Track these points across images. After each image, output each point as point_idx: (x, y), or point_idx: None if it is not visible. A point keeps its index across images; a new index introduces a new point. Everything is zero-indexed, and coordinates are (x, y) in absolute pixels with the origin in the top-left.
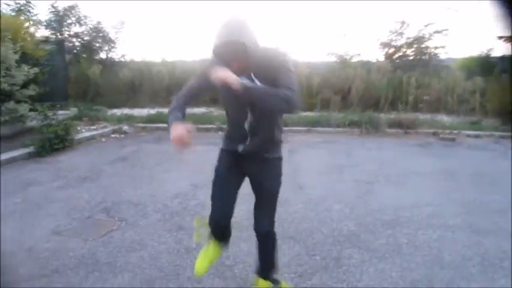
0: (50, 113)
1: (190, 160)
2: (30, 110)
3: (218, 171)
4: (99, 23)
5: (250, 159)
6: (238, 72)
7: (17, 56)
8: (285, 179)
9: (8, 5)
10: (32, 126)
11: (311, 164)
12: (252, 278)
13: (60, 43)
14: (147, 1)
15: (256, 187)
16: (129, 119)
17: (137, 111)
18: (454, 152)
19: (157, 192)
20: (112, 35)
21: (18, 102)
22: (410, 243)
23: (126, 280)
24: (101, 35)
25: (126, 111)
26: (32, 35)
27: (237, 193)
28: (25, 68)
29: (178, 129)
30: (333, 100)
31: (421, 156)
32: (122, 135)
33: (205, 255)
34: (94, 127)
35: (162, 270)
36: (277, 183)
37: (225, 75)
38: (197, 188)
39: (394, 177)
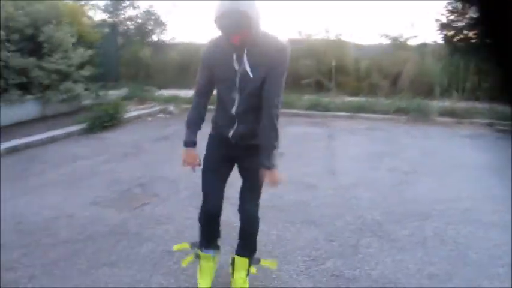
0: (101, 93)
1: None
2: (85, 89)
3: (208, 160)
4: (151, 6)
5: (238, 146)
6: (238, 46)
7: (73, 39)
8: (317, 163)
9: None
10: (86, 104)
11: (349, 150)
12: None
13: (113, 27)
14: None
15: (243, 172)
16: (175, 99)
17: (183, 92)
18: (506, 145)
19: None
20: (163, 18)
21: (74, 82)
22: (437, 237)
23: (149, 249)
24: (153, 17)
25: (173, 92)
26: (88, 20)
27: (226, 181)
28: (81, 50)
29: (189, 158)
30: (381, 85)
31: (469, 148)
32: (167, 115)
33: (203, 272)
34: (142, 107)
35: (166, 243)
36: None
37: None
38: None
39: (435, 169)
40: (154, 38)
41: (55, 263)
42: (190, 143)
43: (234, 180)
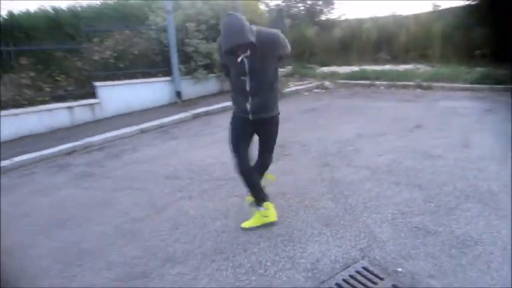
0: None
1: (369, 114)
2: None
3: (233, 133)
4: None
5: (256, 121)
6: (243, 53)
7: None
8: (453, 137)
9: None
10: None
11: (498, 125)
12: None
13: (279, 11)
14: None
15: (262, 139)
16: (332, 75)
17: (343, 69)
18: None
19: (325, 137)
20: None
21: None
22: None
23: (269, 191)
24: None
25: (333, 68)
26: (264, 6)
27: (249, 146)
28: None
29: None
30: None
31: None
32: (323, 90)
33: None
34: (300, 83)
35: (295, 189)
36: (276, 132)
37: None
38: (360, 137)
39: None
40: (323, 17)
41: (205, 191)
42: None
43: None
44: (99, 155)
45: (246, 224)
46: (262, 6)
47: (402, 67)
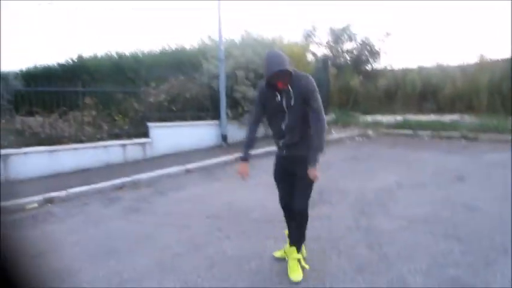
0: None
1: (411, 164)
2: None
3: (274, 173)
4: (367, 38)
5: (289, 158)
6: (283, 85)
7: None
8: (499, 190)
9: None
10: None
11: None
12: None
13: (324, 60)
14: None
15: (295, 178)
16: (375, 124)
17: (386, 118)
18: None
19: (364, 185)
20: (377, 47)
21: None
22: None
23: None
24: (368, 48)
25: (377, 117)
26: (312, 56)
27: (290, 186)
28: None
29: (241, 169)
30: None
31: None
32: (365, 139)
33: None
34: (343, 130)
35: (329, 234)
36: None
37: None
38: (400, 186)
39: None
40: (368, 66)
41: (244, 232)
42: (244, 158)
43: None
44: (146, 191)
45: (294, 277)
46: (309, 55)
47: (448, 117)
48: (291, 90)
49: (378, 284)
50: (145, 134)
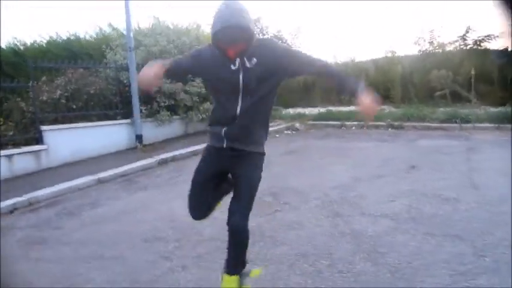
0: None
1: (353, 155)
2: None
3: (198, 173)
4: (279, 31)
5: (233, 153)
6: (235, 55)
7: None
8: (455, 177)
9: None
10: None
11: (493, 163)
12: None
13: None
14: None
15: (236, 180)
16: (300, 116)
17: (308, 110)
18: None
19: (319, 182)
20: (290, 41)
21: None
22: None
23: (284, 252)
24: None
25: (299, 110)
26: None
27: (212, 192)
28: None
29: (149, 69)
30: None
31: None
32: (293, 132)
33: None
34: (270, 124)
35: (316, 248)
36: (258, 177)
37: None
38: (358, 180)
39: None
40: None
41: (201, 257)
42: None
43: None
44: (48, 213)
45: None
46: None
47: None
48: (252, 61)
49: None
50: (39, 140)
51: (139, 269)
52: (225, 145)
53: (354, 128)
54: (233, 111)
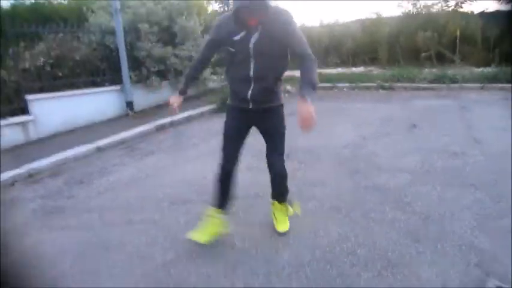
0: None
1: (353, 115)
2: (212, 73)
3: (226, 127)
4: None
5: (256, 112)
6: (253, 26)
7: (201, 28)
8: (457, 133)
9: None
10: (212, 87)
11: (489, 120)
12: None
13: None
14: None
15: (265, 133)
16: (290, 79)
17: (297, 73)
18: None
19: (328, 142)
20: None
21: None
22: None
23: (315, 206)
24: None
25: (288, 73)
26: (208, 9)
27: (242, 144)
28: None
29: (173, 99)
30: None
31: None
32: (286, 95)
33: (204, 226)
34: None
35: (344, 202)
36: (283, 126)
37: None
38: (366, 139)
39: None
40: None
41: (235, 214)
42: (181, 92)
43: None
44: (56, 182)
45: (282, 228)
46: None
47: (358, 70)
48: (265, 28)
49: (448, 252)
50: (24, 110)
51: (176, 230)
52: (250, 106)
53: (345, 89)
54: (247, 72)
